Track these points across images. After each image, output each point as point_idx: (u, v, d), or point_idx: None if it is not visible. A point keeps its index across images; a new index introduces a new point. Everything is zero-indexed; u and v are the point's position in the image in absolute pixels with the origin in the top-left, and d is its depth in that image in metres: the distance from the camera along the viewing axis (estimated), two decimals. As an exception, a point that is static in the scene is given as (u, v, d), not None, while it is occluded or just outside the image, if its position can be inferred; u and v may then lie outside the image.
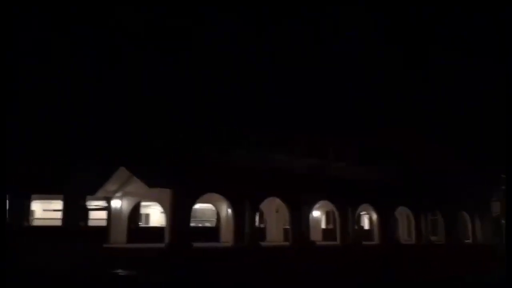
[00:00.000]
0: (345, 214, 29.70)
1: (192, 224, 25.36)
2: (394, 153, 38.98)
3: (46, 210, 32.00)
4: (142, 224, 31.53)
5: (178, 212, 23.36)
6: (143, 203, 29.44)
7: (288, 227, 28.83)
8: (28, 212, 31.10)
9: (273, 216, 32.06)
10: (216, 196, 25.90)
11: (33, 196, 30.80)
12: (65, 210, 30.47)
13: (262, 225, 31.77)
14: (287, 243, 28.05)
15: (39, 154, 29.28)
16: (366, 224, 37.04)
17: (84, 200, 29.79)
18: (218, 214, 29.57)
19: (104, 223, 28.22)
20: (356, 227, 31.10)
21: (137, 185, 24.94)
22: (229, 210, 26.61)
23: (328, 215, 35.03)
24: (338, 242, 29.55)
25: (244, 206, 25.44)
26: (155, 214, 32.84)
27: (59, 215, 30.93)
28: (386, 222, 31.91)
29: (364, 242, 30.66)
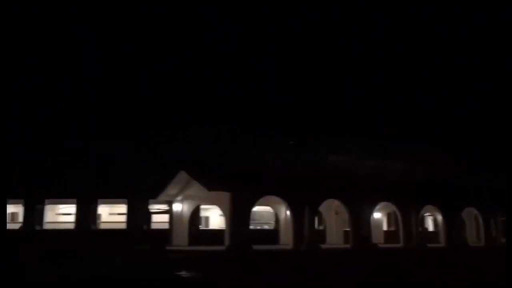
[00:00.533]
0: (408, 215, 28.66)
1: (250, 227, 25.43)
2: (459, 151, 37.28)
3: (111, 214, 33.29)
4: (202, 226, 32.03)
5: (238, 215, 23.51)
6: (202, 206, 29.90)
7: (348, 229, 28.21)
8: (95, 216, 32.52)
9: (332, 218, 31.51)
10: (274, 198, 25.84)
11: (99, 200, 32.21)
12: (129, 214, 31.59)
13: (321, 227, 31.33)
14: (347, 246, 27.46)
15: (105, 162, 30.58)
16: (430, 226, 35.57)
17: (147, 204, 30.72)
18: (276, 217, 29.48)
19: (166, 226, 29.01)
20: (420, 229, 29.92)
21: (196, 188, 25.39)
22: (288, 213, 26.44)
23: (389, 216, 33.94)
24: (401, 244, 28.56)
25: (303, 208, 25.18)
26: (214, 217, 33.25)
27: (123, 218, 32.13)
28: (452, 223, 30.47)
29: (429, 245, 29.42)
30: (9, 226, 33.44)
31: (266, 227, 32.20)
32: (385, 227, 33.99)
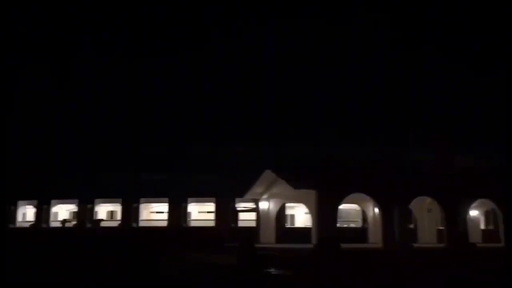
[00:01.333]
0: (510, 213, 26.49)
1: (337, 225, 25.03)
2: None
3: (200, 212, 34.56)
4: (287, 225, 32.13)
5: (324, 213, 23.25)
6: (288, 204, 29.99)
7: (442, 227, 26.74)
8: (185, 214, 33.97)
9: (424, 216, 30.03)
10: (361, 196, 25.19)
11: (188, 199, 33.62)
12: (217, 212, 32.60)
13: (411, 226, 30.01)
14: (441, 245, 26.03)
15: (194, 163, 31.85)
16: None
17: (234, 202, 31.48)
18: (364, 215, 28.74)
19: (253, 224, 29.49)
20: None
21: (282, 187, 25.50)
22: (376, 210, 25.64)
23: (487, 214, 31.64)
24: (502, 244, 26.50)
25: (393, 206, 24.29)
26: (300, 215, 33.21)
27: (212, 216, 33.23)
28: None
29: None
30: (109, 223, 36.09)
31: (352, 225, 31.53)
32: (482, 226, 31.77)
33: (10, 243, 28.49)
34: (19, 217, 40.22)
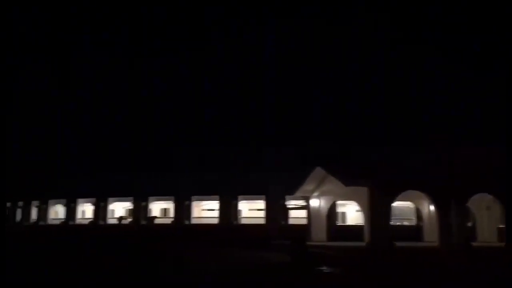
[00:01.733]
0: None
1: (390, 223, 24.42)
2: None
3: (251, 210, 34.82)
4: (338, 222, 31.74)
5: (377, 210, 22.76)
6: (338, 202, 29.62)
7: (503, 226, 25.47)
8: (236, 211, 34.37)
9: (483, 213, 28.75)
10: (416, 193, 24.45)
11: (239, 197, 33.99)
12: (267, 209, 32.72)
13: (469, 224, 28.81)
14: (502, 244, 24.80)
15: (245, 161, 32.17)
16: None
17: (284, 200, 31.47)
18: (418, 212, 27.90)
19: (303, 222, 29.35)
20: None
21: (333, 184, 25.18)
22: (432, 208, 24.81)
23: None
24: None
25: (449, 204, 23.40)
26: (351, 213, 32.72)
27: (262, 214, 33.40)
28: None
29: None
30: (161, 220, 37.14)
31: (405, 223, 30.69)
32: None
33: (71, 239, 29.89)
34: (79, 215, 42.14)
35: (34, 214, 43.62)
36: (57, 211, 43.43)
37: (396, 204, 26.81)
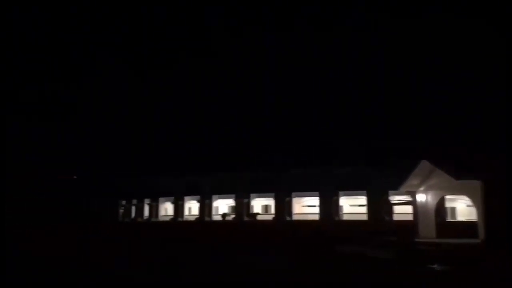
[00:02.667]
0: None
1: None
2: None
3: (352, 206, 34.33)
4: (447, 218, 30.06)
5: (492, 205, 21.13)
6: (447, 197, 28.02)
7: None
8: (337, 207, 34.08)
9: None
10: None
11: (340, 193, 33.67)
12: (370, 205, 31.97)
13: None
14: None
15: (344, 156, 31.78)
16: None
17: (387, 195, 30.54)
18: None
19: (408, 217, 28.21)
20: None
21: (440, 178, 23.87)
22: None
23: None
24: None
25: None
26: (461, 208, 30.80)
27: (364, 210, 32.75)
28: None
29: None
30: (264, 217, 38.01)
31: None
32: None
33: (180, 234, 31.78)
34: (186, 211, 44.72)
35: (146, 211, 47.15)
36: (166, 208, 46.49)
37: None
